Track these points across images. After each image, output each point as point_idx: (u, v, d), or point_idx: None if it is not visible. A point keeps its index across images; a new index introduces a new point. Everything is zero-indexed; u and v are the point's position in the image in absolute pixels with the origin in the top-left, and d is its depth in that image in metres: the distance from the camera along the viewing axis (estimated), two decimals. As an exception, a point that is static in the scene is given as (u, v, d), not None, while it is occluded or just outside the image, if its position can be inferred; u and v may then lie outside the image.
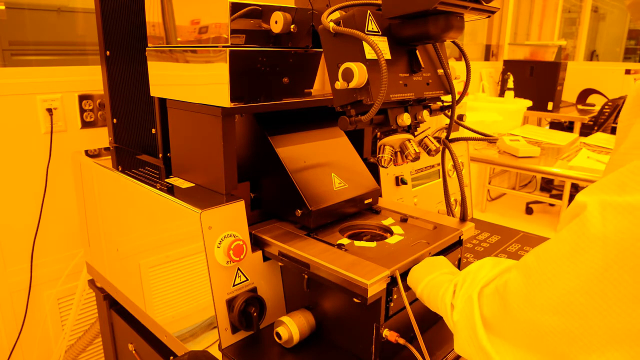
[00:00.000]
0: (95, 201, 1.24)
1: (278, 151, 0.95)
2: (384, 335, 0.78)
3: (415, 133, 0.84)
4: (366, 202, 1.02)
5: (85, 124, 1.55)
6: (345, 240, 0.89)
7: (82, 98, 1.52)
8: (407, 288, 0.78)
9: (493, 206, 4.38)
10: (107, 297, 1.31)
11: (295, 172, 0.94)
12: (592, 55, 7.23)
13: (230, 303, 0.85)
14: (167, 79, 1.00)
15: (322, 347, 0.86)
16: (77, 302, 1.60)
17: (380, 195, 1.16)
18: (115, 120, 1.35)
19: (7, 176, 1.43)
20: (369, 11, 0.74)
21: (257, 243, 0.92)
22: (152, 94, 1.06)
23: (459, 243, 0.95)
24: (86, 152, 1.31)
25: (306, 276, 0.84)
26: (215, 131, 0.90)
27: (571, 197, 3.84)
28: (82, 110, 1.53)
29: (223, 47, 0.82)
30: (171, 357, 1.06)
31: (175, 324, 0.99)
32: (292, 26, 0.86)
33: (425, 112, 0.85)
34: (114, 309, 1.30)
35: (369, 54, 0.71)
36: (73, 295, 1.60)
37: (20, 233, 1.48)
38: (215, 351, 0.86)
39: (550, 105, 3.74)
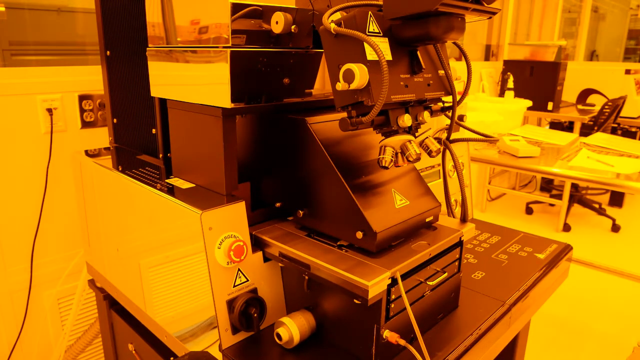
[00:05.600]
0: (95, 201, 1.24)
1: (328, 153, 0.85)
2: (384, 336, 0.78)
3: (416, 134, 0.84)
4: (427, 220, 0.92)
5: (85, 124, 1.55)
6: (345, 241, 0.89)
7: (82, 98, 1.52)
8: (408, 289, 0.78)
9: (493, 206, 4.38)
10: (107, 297, 1.31)
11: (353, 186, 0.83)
12: (592, 55, 7.24)
13: (230, 304, 0.85)
14: (167, 79, 1.00)
15: (322, 348, 0.86)
16: (77, 302, 1.60)
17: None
18: (115, 120, 1.35)
19: (7, 176, 1.43)
20: (370, 12, 0.74)
21: (257, 244, 0.92)
22: (152, 94, 1.06)
23: (459, 244, 0.95)
24: (86, 152, 1.30)
25: (307, 277, 0.84)
26: (215, 132, 0.90)
27: (571, 197, 3.84)
28: (82, 110, 1.53)
29: (224, 47, 0.82)
30: (171, 358, 1.06)
31: (175, 324, 0.99)
32: (293, 27, 0.86)
33: (426, 113, 0.85)
34: (114, 309, 1.30)
35: (370, 54, 0.71)
36: (73, 295, 1.60)
37: (20, 233, 1.48)
38: (215, 352, 0.86)
39: (550, 105, 3.74)
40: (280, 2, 0.86)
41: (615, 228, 3.78)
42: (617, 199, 4.38)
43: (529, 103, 3.29)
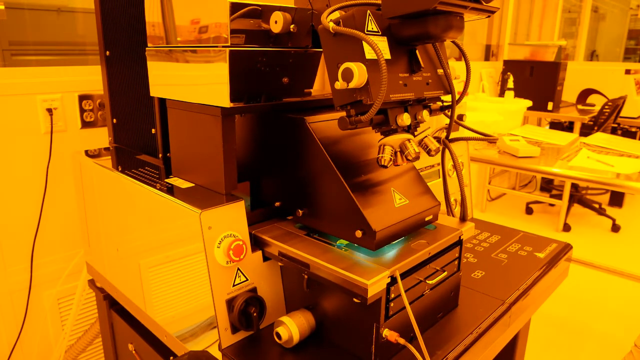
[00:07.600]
0: (95, 201, 1.24)
1: (328, 153, 0.85)
2: (384, 335, 0.78)
3: (415, 133, 0.84)
4: (427, 219, 0.91)
5: (85, 124, 1.55)
6: (345, 241, 0.89)
7: (82, 98, 1.53)
8: (407, 288, 0.78)
9: (493, 206, 4.38)
10: (107, 297, 1.31)
11: (353, 185, 0.83)
12: (592, 55, 7.24)
13: (230, 303, 0.85)
14: (167, 79, 1.00)
15: (322, 347, 0.86)
16: (77, 302, 1.60)
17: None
18: (115, 120, 1.35)
19: (7, 176, 1.43)
20: (368, 11, 0.74)
21: (257, 243, 0.92)
22: (152, 94, 1.06)
23: (458, 243, 0.95)
24: (86, 152, 1.31)
25: (306, 276, 0.84)
26: (215, 131, 0.90)
27: (571, 197, 3.84)
28: (82, 110, 1.53)
29: (223, 47, 0.82)
30: (171, 357, 1.06)
31: (175, 324, 0.99)
32: (292, 26, 0.86)
33: (425, 112, 0.85)
34: (114, 309, 1.30)
35: (369, 53, 0.71)
36: (73, 295, 1.60)
37: (20, 233, 1.48)
38: (215, 351, 0.86)
39: (550, 105, 3.75)
40: (279, 1, 0.86)
41: (615, 228, 3.78)
42: (617, 199, 4.38)
43: (529, 103, 3.29)
